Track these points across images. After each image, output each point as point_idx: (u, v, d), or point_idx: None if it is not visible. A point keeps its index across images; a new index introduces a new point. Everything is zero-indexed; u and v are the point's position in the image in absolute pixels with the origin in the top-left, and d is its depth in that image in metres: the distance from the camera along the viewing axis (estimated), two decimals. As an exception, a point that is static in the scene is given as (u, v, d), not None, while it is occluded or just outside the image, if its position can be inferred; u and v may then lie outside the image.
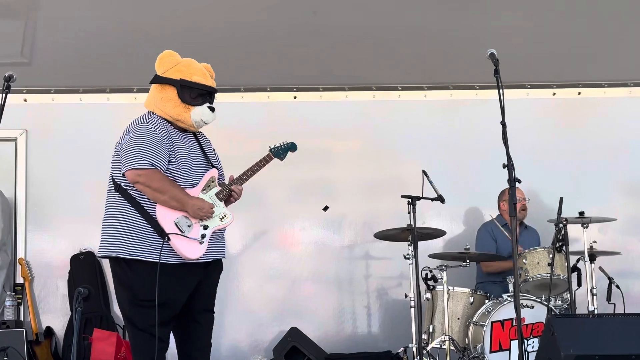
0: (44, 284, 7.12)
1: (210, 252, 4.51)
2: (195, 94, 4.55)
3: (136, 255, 4.37)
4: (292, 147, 4.96)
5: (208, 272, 4.56)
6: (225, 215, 4.56)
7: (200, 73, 4.59)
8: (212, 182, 4.58)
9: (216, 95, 4.67)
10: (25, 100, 7.22)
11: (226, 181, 4.67)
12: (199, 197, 4.46)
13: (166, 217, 4.39)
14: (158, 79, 4.59)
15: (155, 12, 6.55)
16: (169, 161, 4.44)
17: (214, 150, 4.77)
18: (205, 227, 4.47)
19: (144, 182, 4.36)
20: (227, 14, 6.59)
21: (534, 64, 7.25)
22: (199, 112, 4.55)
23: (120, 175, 4.45)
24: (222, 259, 4.66)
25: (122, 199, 4.44)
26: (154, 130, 4.46)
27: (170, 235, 4.35)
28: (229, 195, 4.61)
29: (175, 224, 4.39)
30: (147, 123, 4.50)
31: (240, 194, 4.65)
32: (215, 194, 4.55)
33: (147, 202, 4.41)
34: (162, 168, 4.40)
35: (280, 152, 4.90)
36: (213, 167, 4.65)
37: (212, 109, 4.60)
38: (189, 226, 4.42)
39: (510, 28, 6.80)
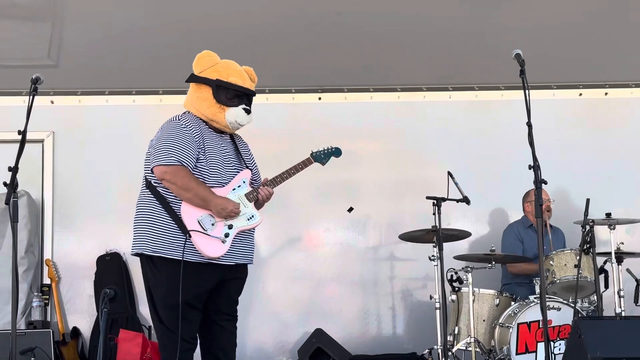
0: (71, 284, 7.16)
1: (235, 255, 4.49)
2: (232, 94, 4.55)
3: (160, 252, 4.40)
4: (336, 152, 4.91)
5: (232, 275, 4.54)
6: (252, 216, 4.54)
7: (238, 74, 4.59)
8: (244, 182, 4.56)
9: (241, 96, 4.65)
10: (52, 102, 7.28)
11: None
12: (223, 197, 4.45)
13: (190, 214, 4.40)
14: (194, 78, 4.59)
15: (181, 15, 6.57)
16: (198, 159, 4.45)
17: (250, 153, 4.76)
18: (230, 227, 4.46)
19: (169, 179, 4.38)
20: (252, 15, 6.61)
21: (560, 65, 7.20)
22: (233, 113, 4.55)
23: (150, 171, 4.48)
24: (249, 265, 4.64)
25: (152, 196, 4.47)
26: (184, 128, 4.47)
27: (191, 233, 4.35)
28: (258, 197, 4.59)
29: (199, 221, 4.40)
30: (179, 120, 4.51)
31: (268, 196, 4.60)
32: (245, 194, 4.54)
33: (173, 200, 4.42)
34: (189, 165, 4.41)
35: (323, 156, 4.85)
36: (247, 168, 4.64)
37: (248, 111, 4.59)
38: (212, 224, 4.42)
39: (536, 28, 6.76)
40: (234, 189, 4.53)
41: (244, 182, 4.58)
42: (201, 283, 4.43)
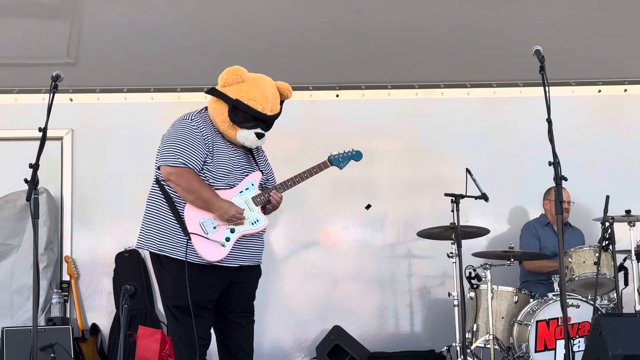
0: (90, 281, 7.19)
1: (240, 257, 4.46)
2: (248, 117, 4.45)
3: (163, 251, 4.40)
4: (356, 155, 4.79)
5: (241, 276, 4.51)
6: (257, 221, 4.47)
7: (261, 98, 4.46)
8: (252, 185, 4.51)
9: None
10: (71, 99, 7.31)
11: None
12: (227, 200, 4.40)
13: (193, 216, 4.37)
14: (213, 92, 4.52)
15: (199, 14, 6.58)
16: (205, 161, 4.42)
17: (264, 156, 4.71)
18: (232, 231, 4.41)
19: (174, 180, 4.37)
20: (269, 14, 6.61)
21: (579, 61, 7.17)
22: (244, 135, 4.47)
23: (157, 169, 4.48)
24: (261, 264, 4.61)
25: (160, 193, 4.47)
26: (194, 128, 4.44)
27: (191, 235, 4.33)
28: (267, 201, 4.53)
29: (200, 224, 4.38)
30: (191, 121, 4.48)
31: (278, 202, 4.53)
32: (252, 198, 4.48)
33: (178, 199, 4.41)
34: (195, 167, 4.38)
35: (341, 160, 4.74)
36: (259, 170, 4.59)
37: (259, 136, 4.48)
38: (214, 228, 4.38)
39: (555, 24, 6.73)
40: (241, 192, 4.47)
41: (253, 184, 4.51)
42: (208, 285, 4.41)
